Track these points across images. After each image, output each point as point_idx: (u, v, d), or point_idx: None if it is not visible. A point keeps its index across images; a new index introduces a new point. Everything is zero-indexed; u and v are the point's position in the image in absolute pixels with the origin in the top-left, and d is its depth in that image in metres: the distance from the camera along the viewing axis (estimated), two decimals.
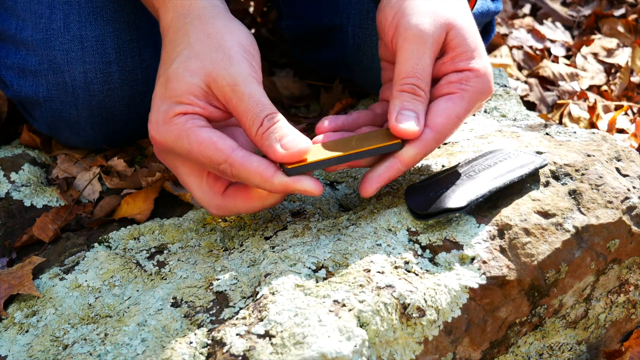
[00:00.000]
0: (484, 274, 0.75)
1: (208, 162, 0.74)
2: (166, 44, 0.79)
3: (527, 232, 0.78)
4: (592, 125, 1.42)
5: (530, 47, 1.75)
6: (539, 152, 0.87)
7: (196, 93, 0.75)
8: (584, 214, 0.81)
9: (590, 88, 1.62)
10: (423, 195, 0.80)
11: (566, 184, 0.84)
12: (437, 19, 0.77)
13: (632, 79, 1.64)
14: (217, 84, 0.74)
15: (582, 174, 0.84)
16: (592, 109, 1.44)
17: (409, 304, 0.71)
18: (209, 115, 0.76)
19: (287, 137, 0.74)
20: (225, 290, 0.77)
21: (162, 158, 0.80)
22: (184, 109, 0.74)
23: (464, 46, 0.78)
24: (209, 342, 0.70)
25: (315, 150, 0.76)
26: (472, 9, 0.87)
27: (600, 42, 1.79)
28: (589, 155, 0.87)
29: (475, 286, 0.74)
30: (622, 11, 1.95)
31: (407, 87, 0.77)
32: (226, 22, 0.78)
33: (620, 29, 1.87)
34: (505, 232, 0.78)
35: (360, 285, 0.71)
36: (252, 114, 0.74)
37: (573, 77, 1.63)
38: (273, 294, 0.72)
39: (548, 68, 1.63)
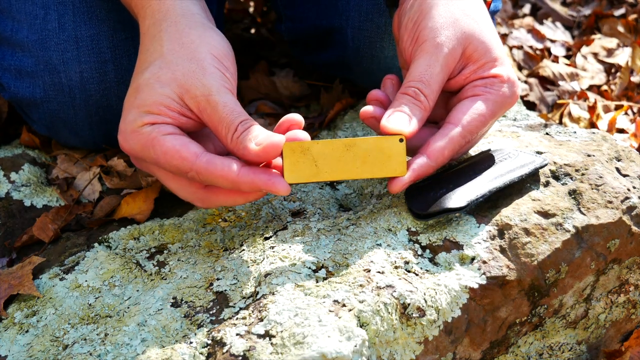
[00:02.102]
0: (484, 274, 0.75)
1: (176, 170, 0.74)
2: (142, 51, 0.79)
3: (527, 232, 0.78)
4: (592, 125, 1.42)
5: (530, 47, 1.75)
6: (539, 152, 0.87)
7: (167, 104, 0.75)
8: (584, 214, 0.81)
9: (590, 88, 1.62)
10: (423, 195, 0.80)
11: (566, 184, 0.84)
12: (455, 32, 0.78)
13: (632, 78, 1.64)
14: (190, 94, 0.74)
15: (582, 174, 0.84)
16: (592, 109, 1.44)
17: (409, 304, 0.71)
18: (180, 125, 0.76)
19: (261, 136, 0.73)
20: (225, 290, 0.77)
21: (138, 165, 0.80)
22: (152, 119, 0.75)
23: (485, 57, 0.80)
24: (209, 342, 0.70)
25: (318, 162, 0.76)
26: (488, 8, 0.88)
27: (600, 42, 1.79)
28: (589, 155, 0.87)
29: (475, 286, 0.74)
30: (622, 11, 1.95)
31: (410, 91, 0.78)
32: (201, 32, 0.78)
33: (620, 29, 1.87)
34: (505, 232, 0.78)
35: (360, 285, 0.71)
36: (226, 122, 0.74)
37: (573, 77, 1.63)
38: (273, 294, 0.72)
39: (548, 68, 1.63)
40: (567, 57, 1.76)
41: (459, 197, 0.77)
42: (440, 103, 0.84)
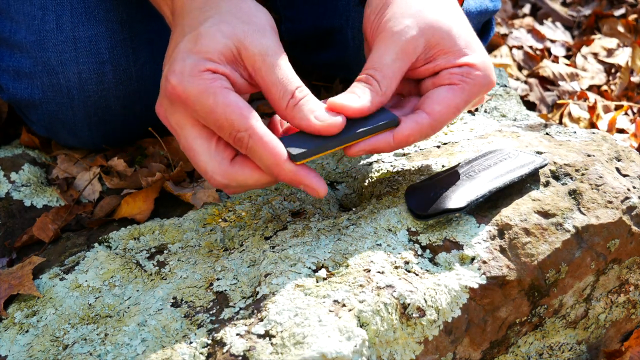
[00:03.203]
0: (484, 274, 0.75)
1: (228, 125, 0.71)
2: (192, 10, 0.77)
3: (527, 232, 0.78)
4: (592, 125, 1.42)
5: (530, 47, 1.75)
6: (539, 152, 0.87)
7: (227, 54, 0.73)
8: (584, 214, 0.81)
9: (590, 88, 1.62)
10: (423, 195, 0.80)
11: (566, 184, 0.84)
12: (417, 21, 0.77)
13: (632, 78, 1.64)
14: (248, 52, 0.73)
15: (582, 174, 0.84)
16: (592, 109, 1.44)
17: (409, 304, 0.71)
18: (234, 81, 0.74)
19: (319, 111, 0.73)
20: (225, 290, 0.77)
21: (166, 116, 0.76)
22: (213, 66, 0.72)
23: (454, 46, 0.78)
24: (209, 342, 0.70)
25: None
26: (461, 5, 0.87)
27: (600, 42, 1.79)
28: (589, 155, 0.87)
29: (475, 286, 0.74)
30: (622, 11, 1.95)
31: (362, 77, 0.77)
32: (256, 4, 0.78)
33: (620, 29, 1.87)
34: (505, 232, 0.78)
35: (360, 285, 0.71)
36: (282, 85, 0.73)
37: (573, 77, 1.63)
38: (273, 294, 0.72)
39: (548, 68, 1.63)
40: (567, 57, 1.76)
41: (459, 197, 0.77)
42: (411, 83, 0.83)
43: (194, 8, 0.77)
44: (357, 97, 0.76)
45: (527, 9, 1.98)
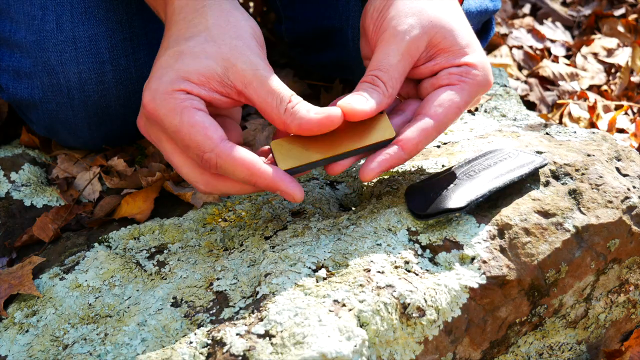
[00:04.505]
0: (484, 273, 0.75)
1: (194, 146, 0.72)
2: (179, 21, 0.77)
3: (527, 231, 0.78)
4: (592, 125, 1.42)
5: (530, 47, 1.75)
6: (539, 152, 0.87)
7: (209, 75, 0.73)
8: (584, 214, 0.81)
9: (590, 88, 1.62)
10: (423, 195, 0.80)
11: (566, 183, 0.84)
12: (420, 20, 0.78)
13: (632, 78, 1.64)
14: (237, 69, 0.74)
15: (582, 174, 0.84)
16: (592, 109, 1.44)
17: (409, 304, 0.71)
18: (212, 101, 0.75)
19: (316, 109, 0.74)
20: (225, 290, 0.77)
21: (146, 130, 0.78)
22: (189, 87, 0.73)
23: (455, 45, 0.79)
24: (209, 342, 0.70)
25: (308, 147, 0.76)
26: (461, 4, 0.87)
27: (600, 42, 1.79)
28: (589, 155, 0.87)
29: (475, 286, 0.74)
30: (622, 11, 1.95)
31: (367, 78, 0.77)
32: (243, 14, 0.78)
33: (620, 29, 1.87)
34: (505, 231, 0.78)
35: (360, 285, 0.71)
36: (277, 94, 0.73)
37: (573, 77, 1.63)
38: (273, 293, 0.72)
39: (548, 68, 1.63)
40: (567, 57, 1.76)
41: (459, 197, 0.77)
42: (410, 84, 0.83)
43: (181, 19, 0.77)
44: (365, 99, 0.76)
45: (527, 9, 1.98)
